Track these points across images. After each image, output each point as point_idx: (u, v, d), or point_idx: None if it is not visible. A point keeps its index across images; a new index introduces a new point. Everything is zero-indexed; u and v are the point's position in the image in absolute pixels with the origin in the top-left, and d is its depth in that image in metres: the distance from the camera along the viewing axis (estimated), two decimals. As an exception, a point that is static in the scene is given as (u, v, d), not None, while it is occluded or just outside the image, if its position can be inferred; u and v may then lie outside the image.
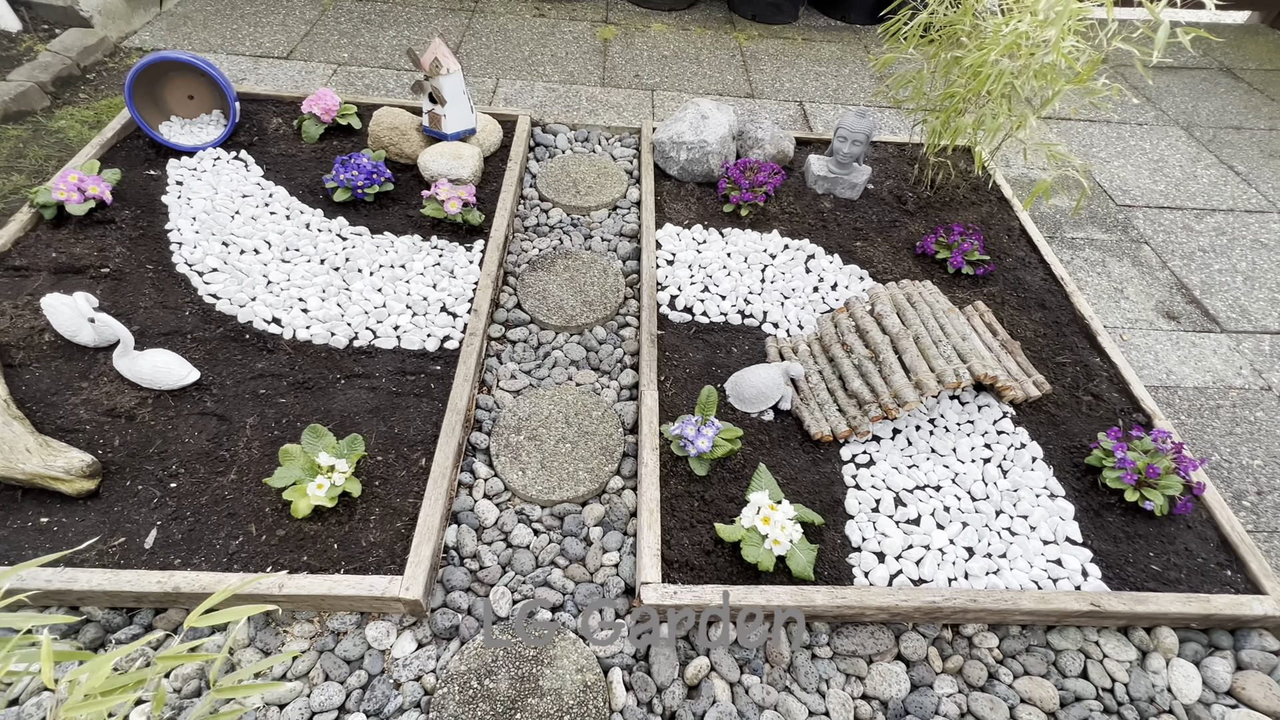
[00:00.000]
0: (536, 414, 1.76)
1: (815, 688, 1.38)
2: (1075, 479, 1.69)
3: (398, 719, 1.29)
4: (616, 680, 1.35)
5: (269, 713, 1.28)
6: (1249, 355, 2.10)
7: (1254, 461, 1.81)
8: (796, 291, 2.11)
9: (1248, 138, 3.15)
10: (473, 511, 1.58)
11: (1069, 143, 2.99)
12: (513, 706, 1.29)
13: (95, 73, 2.67)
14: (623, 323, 2.05)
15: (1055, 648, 1.47)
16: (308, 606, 1.37)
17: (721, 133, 2.40)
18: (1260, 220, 2.65)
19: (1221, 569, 1.54)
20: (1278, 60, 3.86)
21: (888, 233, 2.35)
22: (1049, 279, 2.23)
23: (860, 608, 1.40)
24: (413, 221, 2.17)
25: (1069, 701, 1.39)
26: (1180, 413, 1.92)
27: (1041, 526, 1.58)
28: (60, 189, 1.94)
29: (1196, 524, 1.61)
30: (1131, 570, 1.53)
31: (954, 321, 1.82)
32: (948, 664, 1.43)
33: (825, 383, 1.81)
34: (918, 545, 1.53)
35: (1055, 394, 1.88)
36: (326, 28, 3.17)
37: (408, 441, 1.61)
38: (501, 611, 1.43)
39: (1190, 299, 2.28)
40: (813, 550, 1.46)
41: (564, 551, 1.54)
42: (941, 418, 1.80)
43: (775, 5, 3.67)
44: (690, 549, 1.47)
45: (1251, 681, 1.41)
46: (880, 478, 1.66)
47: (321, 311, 1.86)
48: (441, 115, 2.27)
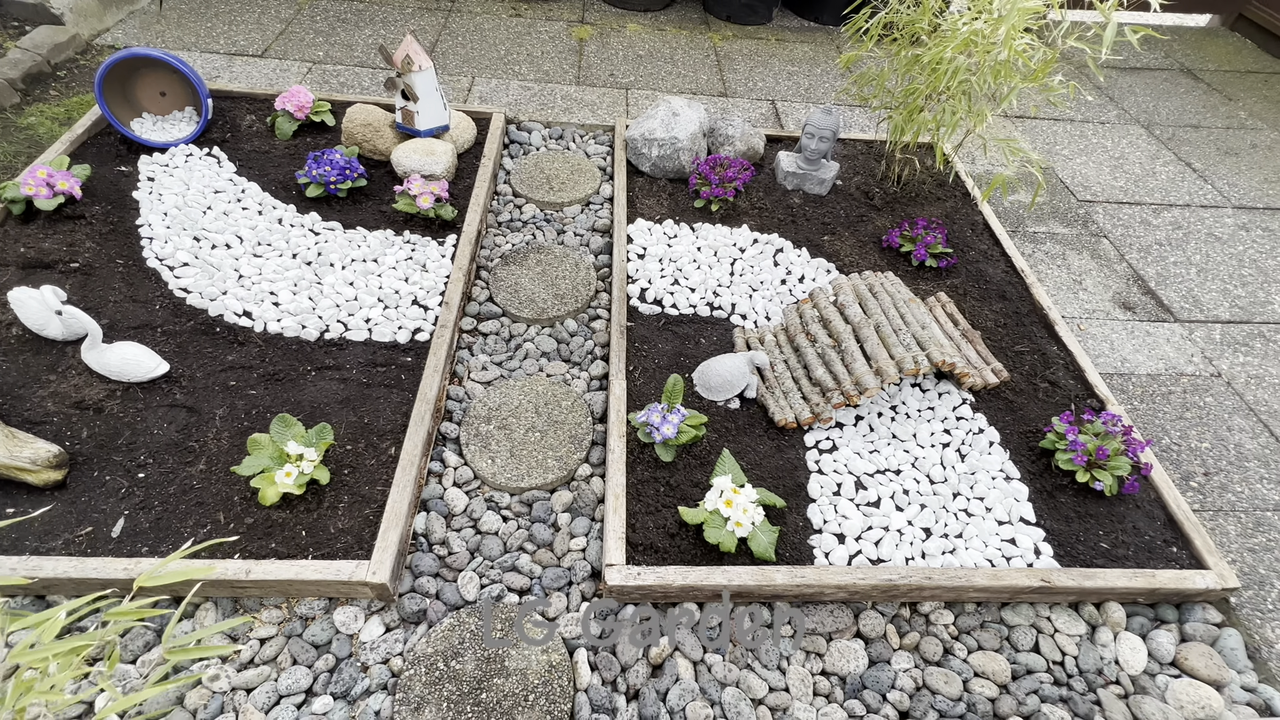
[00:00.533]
0: (507, 404, 1.79)
1: (776, 665, 1.42)
2: (1030, 462, 1.74)
3: (364, 700, 1.31)
4: (581, 660, 1.38)
5: (236, 697, 1.29)
6: (1200, 344, 2.17)
7: (1202, 444, 1.87)
8: (765, 284, 2.15)
9: (1205, 136, 3.25)
10: (442, 499, 1.60)
11: (1033, 141, 3.07)
12: (478, 686, 1.31)
13: (66, 70, 2.66)
14: (594, 315, 2.08)
15: (1008, 623, 1.52)
16: (275, 592, 1.39)
17: (692, 129, 2.44)
18: (1215, 215, 2.74)
19: (1168, 546, 1.59)
20: (1236, 62, 3.98)
21: (855, 227, 2.41)
22: (1010, 271, 2.29)
23: (820, 586, 1.44)
24: (385, 217, 2.19)
25: (1020, 674, 1.44)
26: (1134, 399, 1.98)
27: (997, 508, 1.63)
28: (29, 184, 1.93)
29: (1145, 503, 1.67)
30: (1082, 548, 1.58)
31: (914, 311, 1.87)
32: (905, 640, 1.47)
33: (790, 371, 1.86)
34: (877, 527, 1.58)
35: (1013, 381, 1.93)
36: (302, 26, 3.18)
37: (377, 431, 1.63)
38: (469, 596, 1.45)
39: (1146, 290, 2.35)
40: (774, 532, 1.49)
41: (532, 537, 1.57)
42: (903, 404, 1.84)
43: (749, 6, 3.73)
44: (655, 532, 1.51)
45: (1194, 653, 1.47)
46: (842, 462, 1.70)
47: (293, 305, 1.88)
48: (414, 112, 2.29)
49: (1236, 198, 2.85)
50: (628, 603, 1.46)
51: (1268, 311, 2.32)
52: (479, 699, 1.30)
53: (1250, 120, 3.41)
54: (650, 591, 1.42)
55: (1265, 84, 3.77)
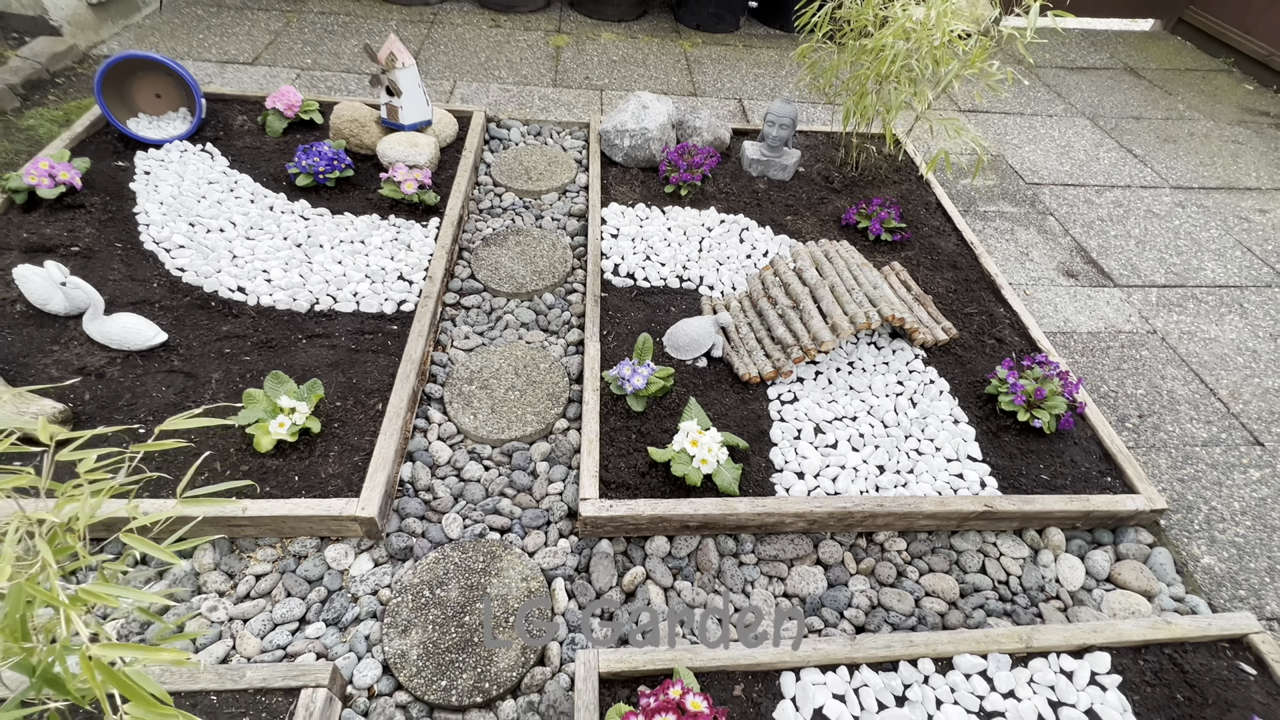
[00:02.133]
0: (488, 367, 1.90)
1: (741, 589, 1.52)
2: (977, 408, 1.87)
3: (354, 627, 1.39)
4: (559, 588, 1.48)
5: (234, 625, 1.38)
6: (1138, 305, 2.33)
7: (1138, 391, 2.01)
8: (731, 259, 2.29)
9: (1146, 126, 3.46)
10: (427, 451, 1.70)
11: (985, 131, 3.26)
12: (462, 611, 1.41)
13: (64, 77, 2.79)
14: (570, 289, 2.21)
15: (957, 549, 1.63)
16: (270, 530, 1.48)
17: (661, 120, 2.60)
18: (1153, 194, 2.92)
19: (1103, 476, 1.72)
20: (1176, 61, 4.23)
21: (816, 208, 2.56)
22: (961, 244, 2.45)
23: (780, 515, 1.55)
24: (371, 203, 2.32)
25: (969, 592, 1.55)
26: (1075, 353, 2.13)
27: (945, 447, 1.76)
28: (32, 174, 2.04)
29: (1082, 440, 1.80)
30: (1024, 480, 1.70)
31: (867, 274, 2.01)
32: (861, 566, 1.58)
33: (754, 332, 1.99)
34: (834, 465, 1.70)
35: (962, 339, 2.07)
36: (291, 37, 3.33)
37: (365, 390, 1.74)
38: (453, 534, 1.55)
39: (1088, 260, 2.51)
40: (737, 469, 1.61)
41: (512, 483, 1.67)
42: (859, 360, 1.98)
43: (718, 15, 3.93)
44: (626, 472, 1.62)
45: (1126, 568, 1.59)
46: (803, 412, 1.82)
47: (284, 280, 1.99)
48: (398, 107, 2.43)
49: (1174, 179, 3.04)
50: (602, 536, 1.56)
51: (1200, 276, 2.48)
52: (462, 621, 1.39)
53: (1188, 112, 3.64)
54: (622, 523, 1.52)
55: (1203, 80, 4.01)
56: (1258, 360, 2.15)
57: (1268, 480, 1.79)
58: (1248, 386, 2.06)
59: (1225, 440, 1.89)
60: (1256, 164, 3.21)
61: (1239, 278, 2.50)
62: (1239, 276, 2.50)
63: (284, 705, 1.18)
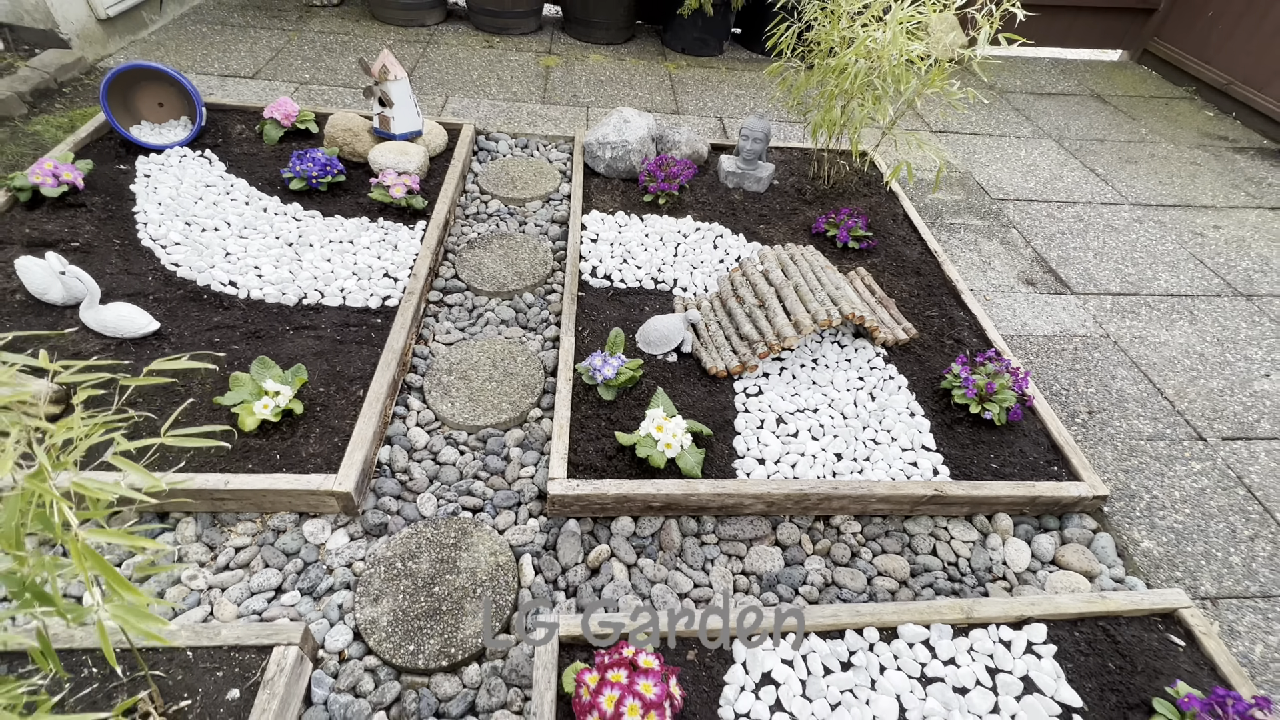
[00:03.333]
0: (467, 359, 1.99)
1: (700, 566, 1.59)
2: (933, 402, 1.96)
3: (328, 597, 1.46)
4: (526, 563, 1.55)
5: (212, 594, 1.44)
6: (1092, 311, 2.44)
7: (1089, 389, 2.11)
8: (704, 263, 2.40)
9: (1109, 148, 3.62)
10: (405, 436, 1.78)
11: (954, 151, 3.41)
12: (432, 582, 1.47)
13: (71, 88, 2.91)
14: (549, 289, 2.31)
15: (909, 532, 1.71)
16: (250, 504, 1.54)
17: (641, 134, 2.73)
18: (1113, 210, 3.06)
19: (1050, 465, 1.81)
20: (1141, 89, 4.42)
21: (788, 218, 2.68)
22: (925, 253, 2.56)
23: (739, 496, 1.62)
24: (362, 207, 2.42)
25: (919, 572, 1.63)
26: (1030, 354, 2.23)
27: (901, 438, 1.84)
28: (36, 174, 2.15)
29: (1031, 432, 1.89)
30: (975, 469, 1.79)
31: (830, 275, 2.11)
32: (817, 547, 1.65)
33: (722, 330, 2.08)
34: (794, 453, 1.78)
35: (922, 339, 2.17)
36: (291, 54, 3.48)
37: (348, 377, 1.82)
38: (427, 513, 1.62)
39: (1047, 269, 2.63)
40: (700, 454, 1.69)
41: (486, 466, 1.74)
42: (823, 357, 2.07)
43: (702, 40, 4.11)
44: (594, 455, 1.69)
45: (1070, 551, 1.67)
46: (766, 404, 1.91)
47: (274, 276, 2.08)
48: (390, 117, 2.55)
49: (1133, 197, 3.18)
50: (569, 516, 1.64)
51: (1154, 285, 2.60)
52: (432, 591, 1.46)
53: (1150, 136, 3.80)
54: (589, 502, 1.60)
55: (1166, 107, 4.19)
56: (1204, 363, 2.26)
57: (1208, 472, 1.88)
58: (1193, 386, 2.16)
59: (1169, 435, 1.98)
60: (1213, 184, 3.36)
61: (1190, 287, 2.61)
62: (1190, 286, 2.62)
63: (257, 662, 1.24)
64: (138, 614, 0.73)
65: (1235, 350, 2.32)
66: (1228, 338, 2.37)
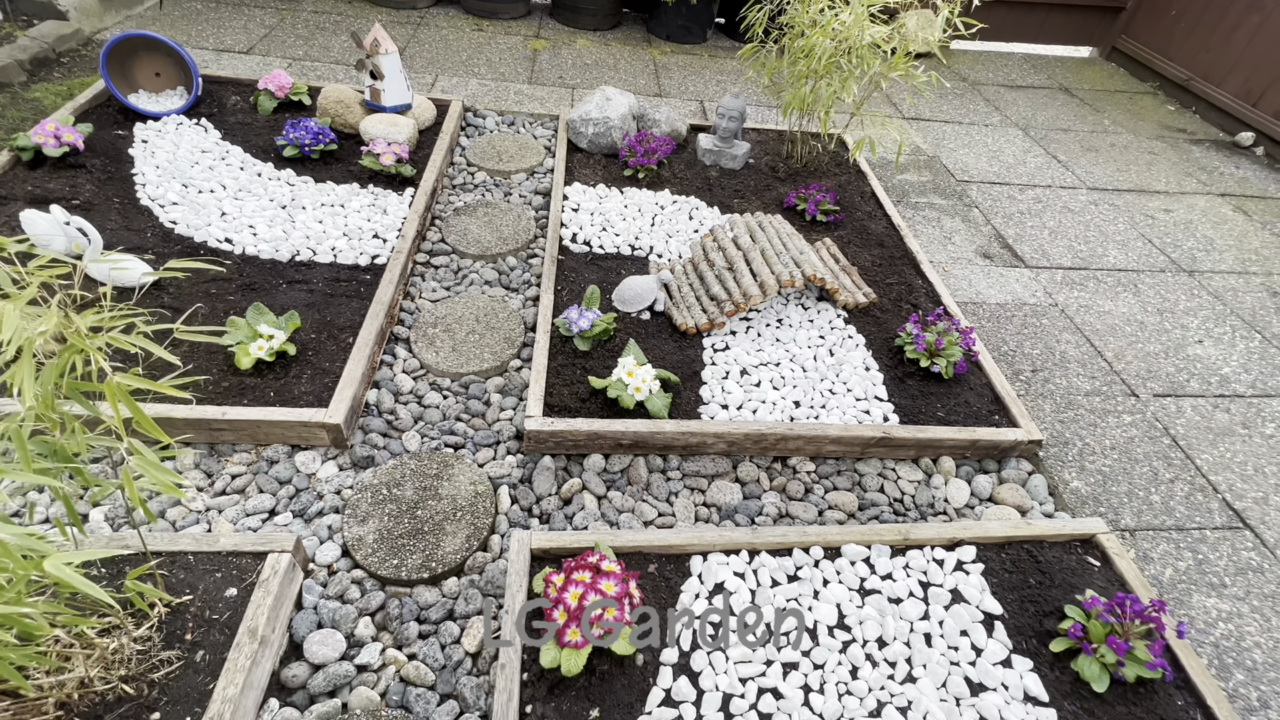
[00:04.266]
0: (451, 314, 2.10)
1: (665, 499, 1.72)
2: (888, 359, 2.10)
3: (319, 519, 1.57)
4: (504, 493, 1.67)
5: (209, 514, 1.55)
6: (1044, 283, 2.59)
7: (1034, 351, 2.26)
8: (680, 232, 2.53)
9: (1072, 137, 3.78)
10: (392, 382, 1.89)
11: (925, 136, 3.56)
12: (416, 506, 1.59)
13: (69, 58, 2.99)
14: (531, 254, 2.43)
15: (860, 472, 1.85)
16: (246, 436, 1.66)
17: (623, 111, 2.86)
18: (1070, 193, 3.22)
19: (991, 415, 1.95)
20: (1108, 84, 4.60)
21: (761, 194, 2.81)
22: (890, 228, 2.71)
23: (702, 435, 1.76)
24: (352, 174, 2.53)
25: (866, 506, 1.77)
26: (982, 319, 2.38)
27: (856, 388, 1.98)
28: (39, 134, 2.24)
29: (976, 385, 2.03)
30: (923, 417, 1.93)
31: (795, 242, 2.25)
32: (773, 484, 1.79)
33: (693, 291, 2.21)
34: (755, 400, 1.91)
35: (881, 304, 2.31)
36: (284, 31, 3.57)
37: (338, 326, 1.93)
38: (411, 448, 1.74)
39: (1004, 245, 2.78)
40: (667, 398, 1.82)
41: (467, 409, 1.86)
42: (787, 318, 2.21)
43: (686, 28, 4.24)
44: (569, 398, 1.82)
45: (1006, 490, 1.81)
46: (732, 358, 2.04)
47: (268, 234, 2.19)
48: (381, 90, 2.66)
49: (1091, 182, 3.35)
50: (545, 452, 1.76)
51: (1103, 261, 2.76)
52: (416, 514, 1.58)
53: (1113, 127, 3.98)
54: (563, 438, 1.72)
55: (1130, 100, 4.37)
56: (1143, 330, 2.41)
57: (1137, 424, 2.04)
58: (1131, 350, 2.32)
59: (1105, 392, 2.14)
60: (1167, 172, 3.53)
61: (1137, 264, 2.78)
62: (1137, 263, 2.78)
63: (252, 566, 1.36)
64: (158, 466, 0.84)
65: (1173, 319, 2.48)
66: (1167, 308, 2.53)
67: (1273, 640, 1.53)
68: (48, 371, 0.83)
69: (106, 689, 1.14)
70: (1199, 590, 1.62)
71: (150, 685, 1.17)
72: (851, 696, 1.31)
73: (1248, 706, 1.42)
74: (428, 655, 1.36)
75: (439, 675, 1.34)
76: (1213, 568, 1.67)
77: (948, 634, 1.41)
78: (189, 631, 1.25)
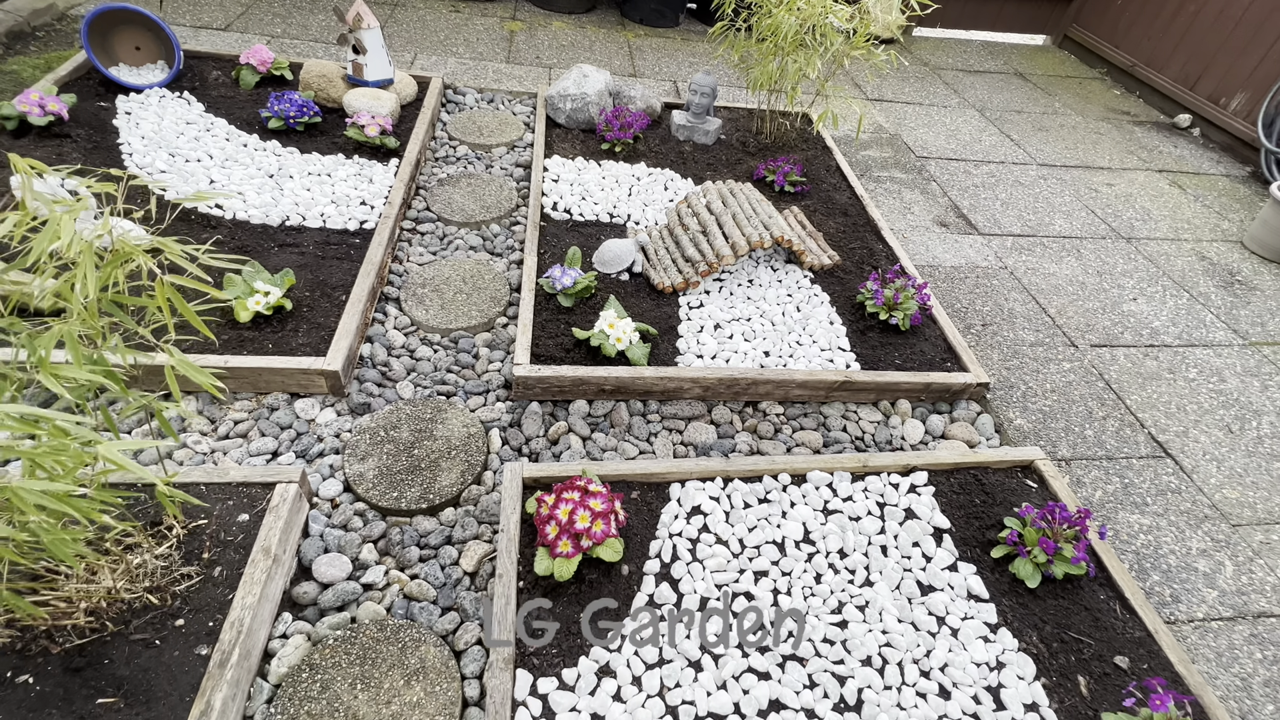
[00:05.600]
0: (439, 275, 2.20)
1: (645, 438, 1.85)
2: (850, 314, 2.26)
3: (320, 460, 1.67)
4: (494, 435, 1.78)
5: (215, 455, 1.64)
6: (995, 248, 2.78)
7: (985, 308, 2.44)
8: (655, 201, 2.65)
9: (1025, 118, 4.00)
10: (385, 336, 1.99)
11: (887, 116, 3.73)
12: (412, 446, 1.70)
13: (44, 32, 2.99)
14: (514, 221, 2.53)
15: (825, 414, 2.00)
16: (247, 384, 1.74)
17: (599, 87, 2.97)
18: (1022, 169, 3.42)
19: (944, 362, 2.12)
20: (1060, 70, 4.84)
21: (733, 167, 2.95)
22: (853, 198, 2.87)
23: (679, 380, 1.89)
24: (337, 145, 2.60)
25: (830, 443, 1.92)
26: (938, 281, 2.55)
27: (821, 340, 2.14)
28: (23, 103, 2.27)
29: (931, 337, 2.20)
30: (882, 364, 2.09)
31: (764, 207, 2.39)
32: (745, 425, 1.93)
33: (669, 254, 2.34)
34: (728, 350, 2.05)
35: (845, 266, 2.47)
36: (261, 9, 3.59)
37: (331, 285, 2.02)
38: (405, 396, 1.84)
39: (960, 214, 2.97)
40: (646, 347, 1.94)
41: (457, 362, 1.97)
42: (758, 278, 2.35)
43: (659, 12, 4.35)
44: (554, 349, 1.94)
45: (956, 428, 1.98)
46: (707, 314, 2.18)
47: (258, 201, 2.25)
48: (363, 64, 2.73)
49: (1041, 158, 3.56)
50: (532, 399, 1.88)
51: (1049, 229, 2.96)
52: (413, 453, 1.68)
53: (1063, 109, 4.20)
54: (549, 383, 1.84)
55: (1080, 85, 4.61)
56: (1084, 290, 2.62)
57: (1075, 370, 2.23)
58: (1073, 307, 2.51)
59: (1047, 343, 2.33)
60: (1111, 150, 3.76)
61: (1080, 231, 2.98)
62: (1081, 230, 2.99)
63: (262, 495, 1.45)
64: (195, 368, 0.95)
65: (1111, 280, 2.69)
66: (1106, 270, 2.74)
67: (1185, 548, 1.72)
68: (104, 270, 0.92)
69: (133, 598, 1.24)
70: (1124, 509, 1.80)
71: (173, 596, 1.27)
72: (815, 598, 1.46)
73: (1162, 601, 1.60)
74: (429, 575, 1.47)
75: (440, 591, 1.46)
76: (1137, 490, 1.86)
77: (901, 545, 1.57)
78: (206, 550, 1.34)
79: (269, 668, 1.29)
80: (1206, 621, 1.56)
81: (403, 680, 1.28)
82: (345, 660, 1.30)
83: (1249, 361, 2.35)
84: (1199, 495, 1.86)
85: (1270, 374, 2.31)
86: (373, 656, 1.31)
